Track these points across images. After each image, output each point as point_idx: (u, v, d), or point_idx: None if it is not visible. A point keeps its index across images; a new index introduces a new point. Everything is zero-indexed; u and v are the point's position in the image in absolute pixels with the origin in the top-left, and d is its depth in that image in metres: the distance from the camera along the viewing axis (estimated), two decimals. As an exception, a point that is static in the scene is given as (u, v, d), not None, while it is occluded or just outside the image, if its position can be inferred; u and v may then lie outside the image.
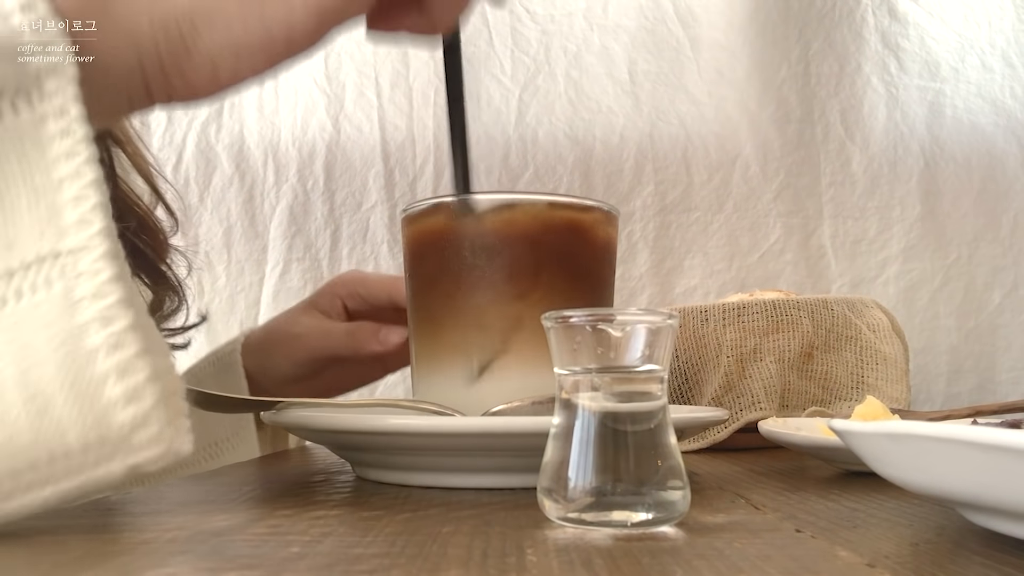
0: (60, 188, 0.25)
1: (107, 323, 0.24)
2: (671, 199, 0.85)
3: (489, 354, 0.36)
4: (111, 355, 0.23)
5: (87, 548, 0.23)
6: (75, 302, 0.24)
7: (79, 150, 0.25)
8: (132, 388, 0.23)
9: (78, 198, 0.24)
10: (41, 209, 0.24)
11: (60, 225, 0.24)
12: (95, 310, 0.24)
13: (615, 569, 0.20)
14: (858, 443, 0.24)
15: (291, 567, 0.20)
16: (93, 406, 0.23)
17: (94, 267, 0.24)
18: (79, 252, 0.24)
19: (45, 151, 0.25)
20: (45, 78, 0.25)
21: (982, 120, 0.87)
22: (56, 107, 0.25)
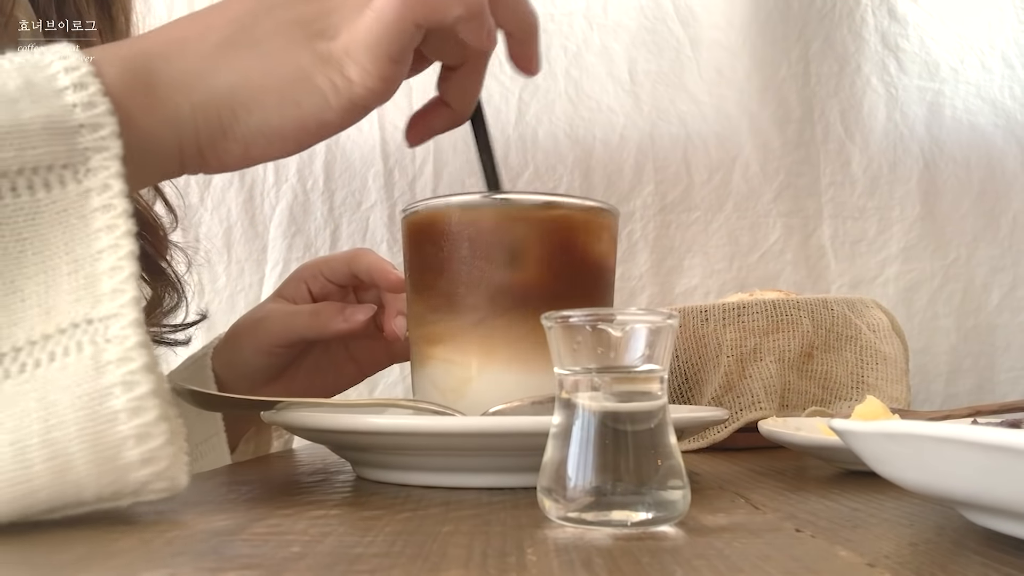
0: (99, 259, 0.26)
1: (130, 388, 0.25)
2: (671, 199, 0.85)
3: (487, 352, 0.36)
4: (132, 419, 0.25)
5: (87, 548, 0.23)
6: (102, 365, 0.25)
7: (119, 223, 0.26)
8: (150, 451, 0.25)
9: (114, 268, 0.26)
10: (80, 278, 0.26)
11: (96, 293, 0.26)
12: (119, 374, 0.25)
13: (615, 569, 0.20)
14: (858, 443, 0.24)
15: (291, 567, 0.20)
16: (112, 467, 0.25)
17: (122, 333, 0.25)
18: (110, 319, 0.25)
19: (88, 223, 0.26)
20: (92, 155, 0.27)
21: (981, 121, 0.87)
22: (100, 182, 0.27)
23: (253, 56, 0.31)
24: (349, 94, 0.31)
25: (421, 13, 0.31)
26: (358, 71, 0.31)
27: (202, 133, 0.30)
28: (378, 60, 0.31)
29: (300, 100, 0.31)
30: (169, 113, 0.30)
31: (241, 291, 0.83)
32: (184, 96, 0.30)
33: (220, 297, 0.83)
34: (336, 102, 0.31)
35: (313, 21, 0.31)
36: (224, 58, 0.30)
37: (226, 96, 0.30)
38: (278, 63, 0.31)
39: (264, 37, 0.31)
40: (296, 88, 0.31)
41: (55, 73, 0.27)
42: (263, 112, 0.31)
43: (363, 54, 0.31)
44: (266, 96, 0.30)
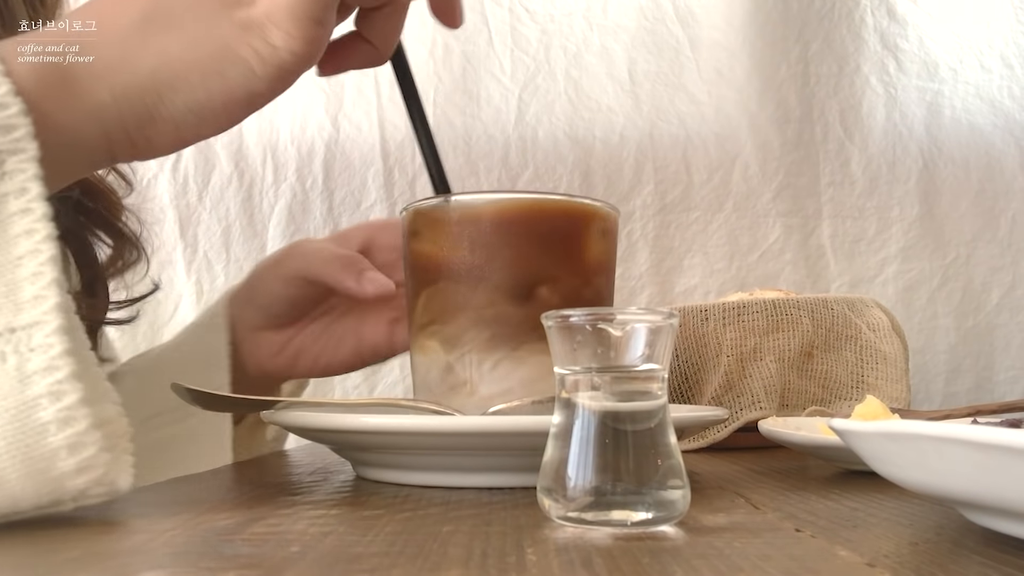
0: (19, 265, 0.25)
1: (57, 398, 0.24)
2: (671, 199, 0.85)
3: (487, 352, 0.36)
4: (62, 430, 0.24)
5: (87, 548, 0.23)
6: (27, 376, 0.24)
7: (38, 228, 0.25)
8: (84, 460, 0.25)
9: (35, 274, 0.25)
10: (1, 285, 0.25)
11: (17, 301, 0.25)
12: (45, 385, 0.24)
13: (615, 569, 0.20)
14: (858, 443, 0.24)
15: (291, 567, 0.20)
16: (46, 479, 0.24)
17: (47, 342, 0.25)
18: (33, 327, 0.25)
19: (5, 228, 0.25)
20: (6, 157, 0.26)
21: (980, 121, 0.87)
22: (17, 186, 0.26)
23: (171, 34, 0.30)
24: (275, 60, 0.30)
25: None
26: (282, 36, 0.30)
27: (128, 120, 0.29)
28: (302, 23, 0.30)
29: (225, 72, 0.30)
30: (90, 106, 0.29)
31: (240, 291, 0.83)
32: (105, 85, 0.29)
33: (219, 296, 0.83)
34: (262, 70, 0.30)
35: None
36: (142, 39, 0.29)
37: (148, 79, 0.29)
38: (198, 38, 0.30)
39: (180, 11, 0.30)
40: (219, 61, 0.30)
41: None
42: (189, 90, 0.30)
43: (286, 18, 0.30)
44: (189, 73, 0.29)
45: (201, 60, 0.30)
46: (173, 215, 0.83)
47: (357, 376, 0.81)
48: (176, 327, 0.82)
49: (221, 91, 0.30)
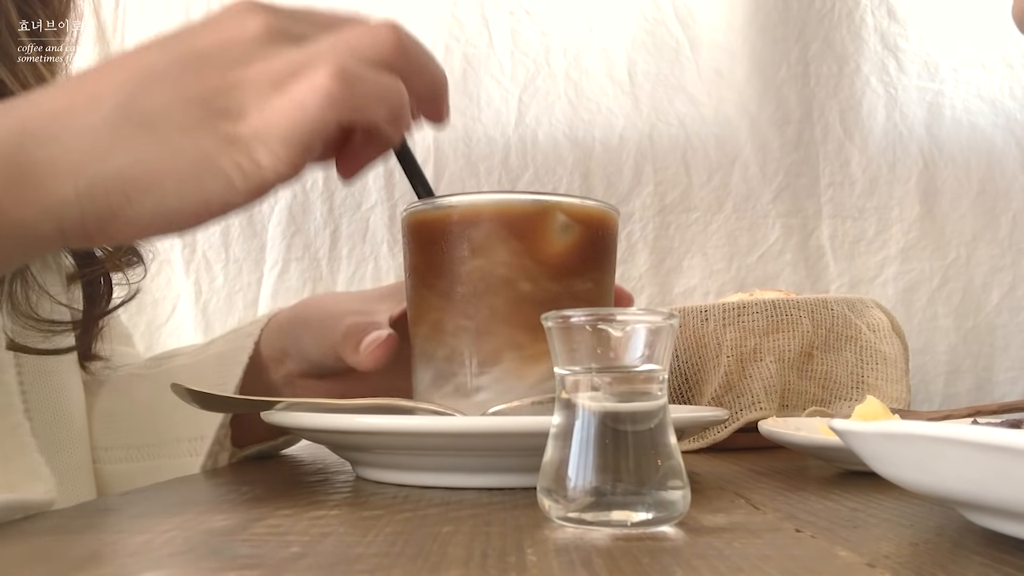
0: None
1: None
2: (670, 199, 0.85)
3: (489, 353, 0.36)
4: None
5: (87, 548, 0.23)
6: None
7: None
8: None
9: None
10: None
11: None
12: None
13: (615, 569, 0.20)
14: (858, 443, 0.24)
15: (291, 567, 0.20)
16: None
17: None
18: None
19: None
20: None
21: (981, 121, 0.87)
22: None
23: (148, 137, 0.28)
24: (258, 178, 0.29)
25: (345, 113, 0.29)
26: (269, 157, 0.29)
27: (88, 218, 0.28)
28: (293, 151, 0.29)
29: (202, 183, 0.29)
30: (50, 202, 0.27)
31: (239, 291, 0.83)
32: (68, 181, 0.27)
33: (218, 297, 0.83)
34: (243, 185, 0.29)
35: (213, 97, 0.29)
36: (115, 137, 0.28)
37: (117, 180, 0.28)
38: (177, 146, 0.28)
39: (159, 113, 0.28)
40: (198, 171, 0.28)
41: None
42: (160, 195, 0.28)
43: (277, 142, 0.29)
44: (164, 179, 0.28)
45: (179, 168, 0.28)
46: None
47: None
48: (175, 327, 0.82)
49: (195, 200, 0.29)
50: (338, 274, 0.83)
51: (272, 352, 0.47)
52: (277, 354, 0.46)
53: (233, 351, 0.47)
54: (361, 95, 0.29)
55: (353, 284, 0.83)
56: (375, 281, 0.83)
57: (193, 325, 0.82)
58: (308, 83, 0.29)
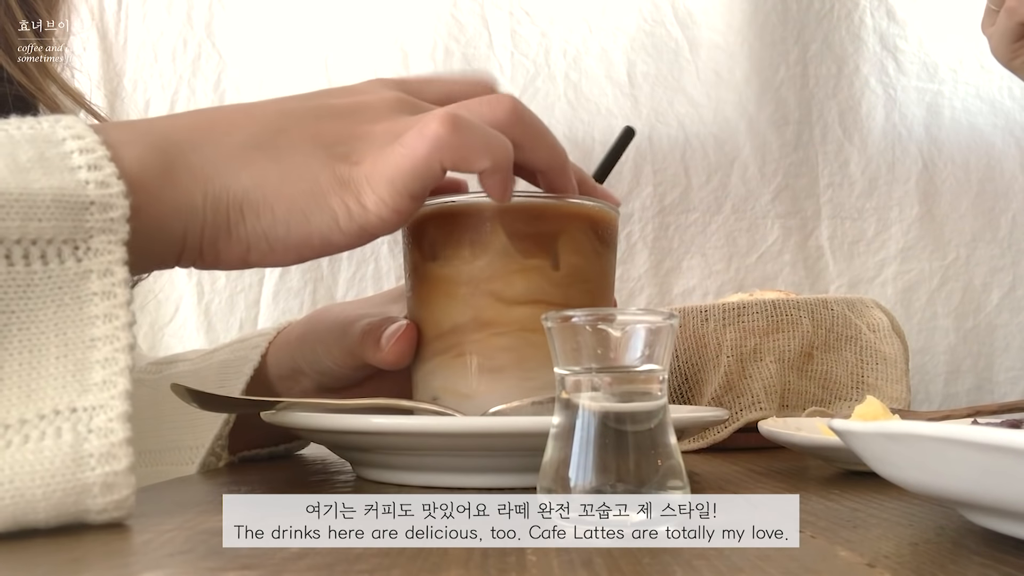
0: (92, 347, 0.25)
1: (109, 490, 0.24)
2: (670, 200, 0.85)
3: (489, 353, 0.36)
4: (101, 516, 0.25)
5: (87, 548, 0.23)
6: (82, 458, 0.24)
7: (119, 314, 0.26)
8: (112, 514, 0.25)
9: (108, 360, 0.25)
10: (69, 363, 0.25)
11: (85, 382, 0.25)
12: (101, 473, 0.24)
13: (615, 569, 0.20)
14: (858, 443, 0.24)
15: (291, 567, 0.20)
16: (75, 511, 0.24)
17: (108, 426, 0.25)
18: (95, 410, 0.25)
19: (83, 306, 0.25)
20: (97, 235, 0.26)
21: (980, 121, 0.87)
22: (102, 266, 0.26)
23: (272, 163, 0.30)
24: (361, 220, 0.31)
25: (450, 158, 0.31)
26: (375, 201, 0.31)
27: (208, 228, 0.30)
28: (398, 195, 0.31)
29: (310, 215, 0.30)
30: (183, 203, 0.29)
31: (241, 291, 0.83)
32: (199, 187, 0.29)
33: (220, 298, 0.83)
34: (346, 225, 0.31)
35: (338, 144, 0.31)
36: (245, 159, 0.30)
37: (239, 195, 0.30)
38: (296, 175, 0.30)
39: (287, 147, 0.31)
40: (308, 202, 0.30)
41: (69, 152, 0.26)
42: (271, 218, 0.30)
43: (384, 186, 0.30)
44: (277, 203, 0.30)
45: (292, 196, 0.30)
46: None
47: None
48: (177, 327, 0.82)
49: (300, 231, 0.30)
50: (339, 275, 0.83)
51: (281, 370, 0.46)
52: (287, 372, 0.46)
53: (238, 361, 0.47)
54: (468, 141, 0.31)
55: (354, 285, 0.83)
56: (375, 281, 0.83)
57: (196, 326, 0.82)
58: (419, 130, 0.31)
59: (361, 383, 0.43)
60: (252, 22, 0.83)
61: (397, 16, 0.83)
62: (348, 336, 0.41)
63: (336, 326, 0.43)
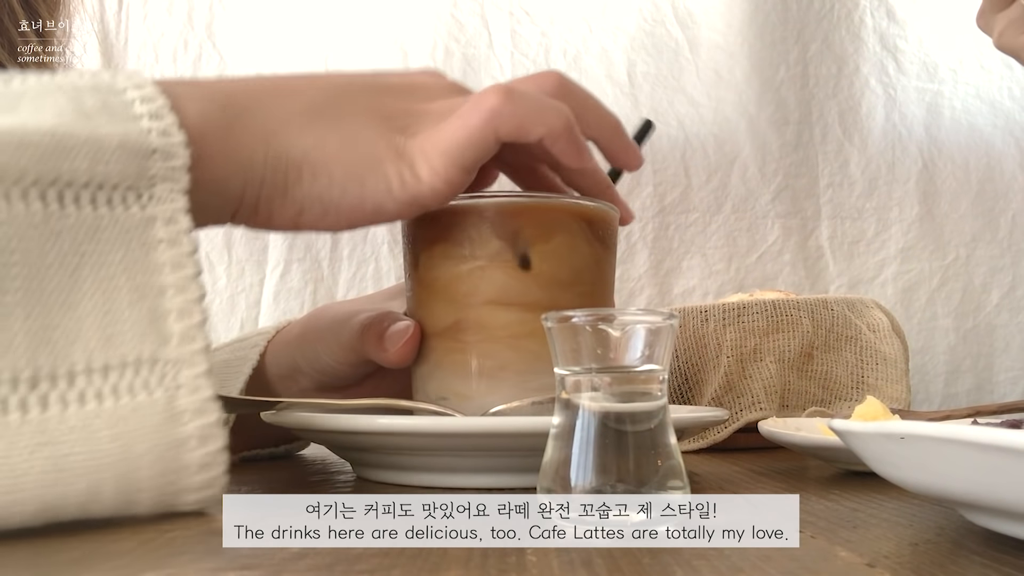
0: (164, 295, 0.25)
1: (205, 442, 0.25)
2: (670, 200, 0.85)
3: (489, 353, 0.36)
4: (200, 473, 0.25)
5: (87, 548, 0.23)
6: (177, 414, 0.25)
7: (186, 263, 0.26)
8: (203, 501, 0.26)
9: (183, 311, 0.25)
10: (143, 311, 0.25)
11: (163, 333, 0.25)
12: (196, 427, 0.25)
13: (615, 569, 0.20)
14: (858, 443, 0.24)
15: (291, 567, 0.20)
16: (168, 508, 0.25)
17: (196, 383, 0.25)
18: (181, 364, 0.25)
19: (150, 253, 0.25)
20: (159, 182, 0.26)
21: (980, 121, 0.87)
22: (166, 214, 0.26)
23: (332, 128, 0.31)
24: (413, 190, 0.31)
25: (506, 127, 0.31)
26: (428, 171, 0.31)
27: (266, 186, 0.30)
28: (452, 166, 0.31)
29: (364, 181, 0.31)
30: (243, 159, 0.29)
31: (242, 292, 0.83)
32: (260, 145, 0.30)
33: (220, 298, 0.83)
34: (399, 194, 0.31)
35: (398, 117, 0.32)
36: (306, 121, 0.30)
37: (298, 156, 0.30)
38: (354, 141, 0.31)
39: (348, 115, 0.31)
40: (364, 168, 0.31)
41: (132, 100, 0.26)
42: (327, 181, 0.30)
43: (438, 157, 0.31)
44: (334, 166, 0.30)
45: (350, 160, 0.31)
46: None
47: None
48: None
49: (354, 195, 0.31)
50: (339, 275, 0.83)
51: (280, 370, 0.46)
52: (286, 371, 0.45)
53: (237, 360, 0.47)
54: (523, 110, 0.31)
55: (354, 285, 0.83)
56: (375, 281, 0.83)
57: None
58: (475, 102, 0.31)
59: (360, 382, 0.43)
60: (253, 23, 0.83)
61: (397, 16, 0.83)
62: (347, 331, 0.41)
63: (335, 322, 0.43)
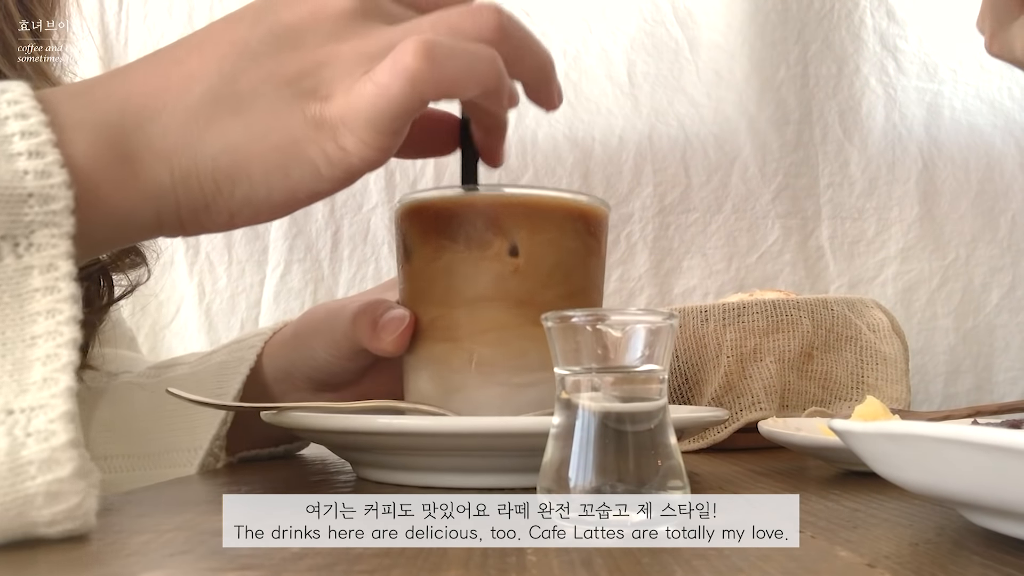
0: (33, 344, 0.24)
1: (54, 500, 0.23)
2: (670, 200, 0.85)
3: (481, 347, 0.35)
4: (51, 528, 0.23)
5: (87, 548, 0.23)
6: (21, 466, 0.22)
7: (62, 308, 0.24)
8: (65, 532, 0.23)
9: (49, 356, 0.24)
10: (7, 363, 0.23)
11: (22, 382, 0.23)
12: (43, 482, 0.22)
13: (615, 569, 0.20)
14: (858, 443, 0.24)
15: (291, 567, 0.20)
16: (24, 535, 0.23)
17: (49, 428, 0.23)
18: (35, 411, 0.23)
19: (24, 304, 0.24)
20: (38, 228, 0.24)
21: (980, 121, 0.87)
22: (45, 261, 0.24)
23: (236, 118, 0.28)
24: (344, 165, 0.29)
25: (431, 91, 0.28)
26: (355, 143, 0.28)
27: (183, 206, 0.28)
28: (379, 135, 0.28)
29: (289, 171, 0.28)
30: (148, 186, 0.27)
31: (242, 292, 0.83)
32: (165, 167, 0.28)
33: (221, 298, 0.83)
34: (329, 172, 0.29)
35: (302, 76, 0.29)
36: (207, 119, 0.28)
37: (208, 166, 0.28)
38: (265, 127, 0.28)
39: (249, 95, 0.28)
40: (284, 157, 0.28)
41: (11, 135, 0.24)
42: (249, 183, 0.28)
43: (363, 128, 0.28)
44: (252, 166, 0.28)
45: (266, 154, 0.28)
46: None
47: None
48: (179, 328, 0.82)
49: (282, 189, 0.29)
50: (339, 275, 0.83)
51: (276, 373, 0.45)
52: (282, 374, 0.45)
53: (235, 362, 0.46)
54: (449, 72, 0.28)
55: (354, 285, 0.83)
56: (376, 281, 0.83)
57: (197, 326, 0.82)
58: (392, 64, 0.28)
59: (357, 380, 0.43)
60: (252, 22, 0.83)
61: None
62: (341, 321, 0.40)
63: (329, 315, 0.42)
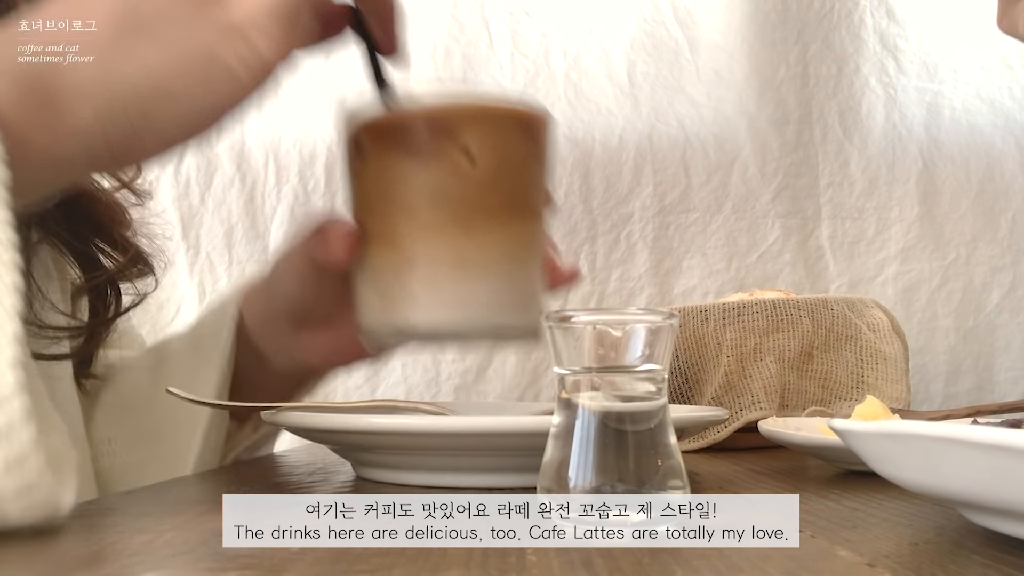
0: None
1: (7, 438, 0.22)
2: (670, 200, 0.85)
3: (427, 250, 0.33)
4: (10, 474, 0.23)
5: (86, 548, 0.23)
6: None
7: (1, 256, 0.24)
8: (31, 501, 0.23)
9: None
10: None
11: None
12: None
13: (615, 569, 0.20)
14: (858, 443, 0.24)
15: (291, 566, 0.20)
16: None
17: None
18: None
19: None
20: None
21: (980, 121, 0.87)
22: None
23: (149, 41, 0.28)
24: (260, 64, 0.29)
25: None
26: (267, 41, 0.29)
27: (112, 138, 0.28)
28: (286, 28, 0.29)
29: (210, 81, 0.29)
30: (73, 127, 0.27)
31: (241, 293, 0.83)
32: (87, 104, 0.28)
33: (220, 298, 0.83)
34: (248, 76, 0.29)
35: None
36: (120, 50, 0.28)
37: (131, 95, 0.28)
38: (177, 44, 0.28)
39: (153, 15, 0.28)
40: (203, 70, 0.28)
41: None
42: (172, 103, 0.28)
43: (270, 23, 0.29)
44: (172, 85, 0.28)
45: (183, 70, 0.28)
46: (175, 216, 0.83)
47: (359, 377, 0.81)
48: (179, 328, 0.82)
49: (206, 101, 0.29)
50: (338, 275, 0.83)
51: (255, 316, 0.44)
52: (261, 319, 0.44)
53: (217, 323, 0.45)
54: None
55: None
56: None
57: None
58: None
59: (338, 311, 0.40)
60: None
61: (397, 16, 0.83)
62: (298, 246, 0.39)
63: (290, 247, 0.41)
